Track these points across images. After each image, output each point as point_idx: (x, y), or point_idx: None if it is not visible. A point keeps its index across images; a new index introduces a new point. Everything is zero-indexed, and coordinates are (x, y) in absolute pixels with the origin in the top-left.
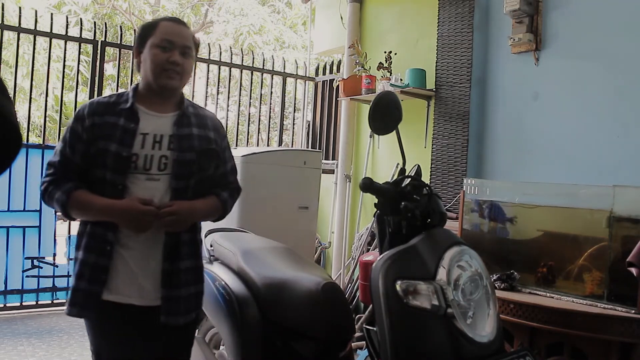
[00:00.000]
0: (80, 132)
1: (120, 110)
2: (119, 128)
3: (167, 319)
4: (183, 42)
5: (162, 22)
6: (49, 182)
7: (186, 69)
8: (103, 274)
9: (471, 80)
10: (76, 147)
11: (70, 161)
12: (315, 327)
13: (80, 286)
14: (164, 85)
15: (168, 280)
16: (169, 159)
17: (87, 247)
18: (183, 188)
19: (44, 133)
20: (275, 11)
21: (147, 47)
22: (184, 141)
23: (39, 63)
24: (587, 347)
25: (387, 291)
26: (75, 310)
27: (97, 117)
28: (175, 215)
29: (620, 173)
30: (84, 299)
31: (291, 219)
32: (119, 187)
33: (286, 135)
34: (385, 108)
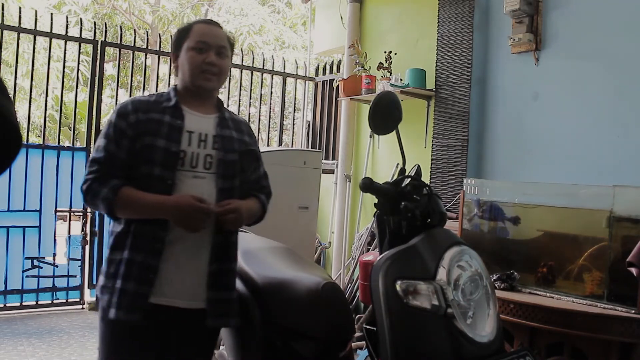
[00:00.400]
0: (125, 128)
1: (164, 108)
2: (165, 125)
3: (214, 321)
4: (218, 43)
5: (196, 24)
6: (93, 180)
7: (223, 69)
8: (151, 272)
9: (471, 80)
10: (121, 142)
11: (116, 157)
12: (315, 327)
13: (128, 287)
14: (201, 86)
15: (215, 281)
16: (213, 158)
17: (134, 246)
18: (229, 188)
19: (44, 133)
20: (275, 11)
21: (183, 51)
22: (227, 142)
23: (39, 63)
24: (587, 347)
25: (387, 291)
26: (123, 314)
27: (141, 113)
28: (237, 213)
29: (620, 173)
30: (132, 301)
31: (291, 219)
32: (168, 182)
33: (286, 135)
34: (385, 108)
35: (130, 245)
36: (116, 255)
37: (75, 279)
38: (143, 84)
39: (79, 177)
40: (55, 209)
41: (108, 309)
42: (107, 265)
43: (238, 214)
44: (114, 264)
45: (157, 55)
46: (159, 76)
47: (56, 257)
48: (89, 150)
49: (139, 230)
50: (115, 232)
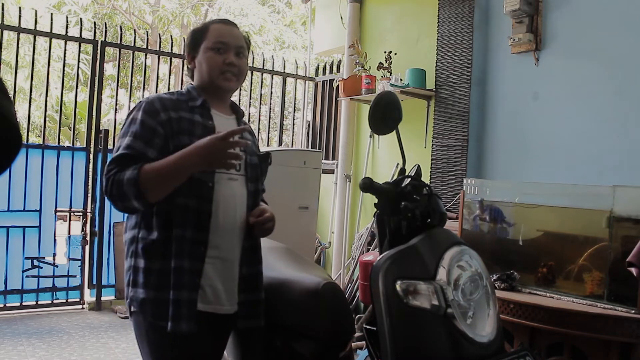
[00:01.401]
0: (155, 125)
1: (192, 107)
2: (198, 125)
3: (246, 323)
4: (236, 43)
5: (213, 24)
6: (115, 172)
7: (242, 69)
8: (197, 277)
9: (471, 80)
10: (152, 140)
11: (143, 155)
12: (315, 327)
13: (180, 297)
14: (221, 87)
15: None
16: (242, 160)
17: (179, 253)
18: (256, 191)
19: (43, 133)
20: (275, 11)
21: (201, 52)
22: (249, 145)
23: (40, 64)
24: (587, 347)
25: (387, 291)
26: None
27: (172, 112)
28: (272, 221)
29: (620, 173)
30: (188, 310)
31: (291, 219)
32: (209, 184)
33: (286, 135)
34: (385, 108)
35: (175, 252)
36: (155, 264)
37: (75, 279)
38: (143, 84)
39: (79, 177)
40: (55, 209)
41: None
42: (145, 275)
43: (273, 222)
44: (154, 274)
45: (157, 55)
46: (159, 76)
47: (56, 257)
48: (89, 150)
49: (181, 235)
50: (148, 239)
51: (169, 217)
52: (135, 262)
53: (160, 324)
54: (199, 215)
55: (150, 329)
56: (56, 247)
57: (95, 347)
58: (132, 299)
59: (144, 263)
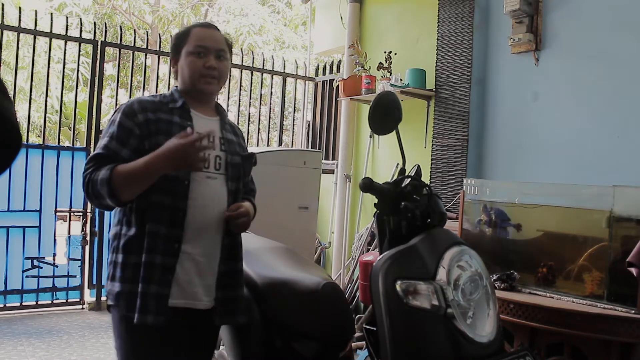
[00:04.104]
0: (132, 126)
1: (171, 108)
2: (176, 125)
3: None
4: (217, 46)
5: (194, 28)
6: (91, 172)
7: (223, 72)
8: (170, 274)
9: (471, 80)
10: (127, 141)
11: (117, 155)
12: (315, 327)
13: (149, 290)
14: (202, 90)
15: (226, 281)
16: (222, 159)
17: (151, 249)
18: (237, 190)
19: (43, 133)
20: (275, 11)
21: (182, 55)
22: (231, 145)
23: (40, 65)
24: (587, 347)
25: (387, 291)
26: (151, 317)
27: (150, 113)
28: (247, 216)
29: (620, 173)
30: (156, 303)
31: (291, 219)
32: (184, 182)
33: (286, 135)
34: (385, 108)
35: (146, 247)
36: (131, 259)
37: (75, 279)
38: (143, 84)
39: (79, 177)
40: (55, 209)
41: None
42: (122, 269)
43: (248, 217)
44: (129, 268)
45: (157, 55)
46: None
47: (56, 257)
48: (89, 150)
49: (154, 231)
50: (128, 235)
51: (145, 213)
52: (115, 257)
53: (132, 316)
54: (174, 213)
55: (123, 321)
56: (56, 247)
57: (95, 347)
58: (109, 292)
59: (122, 258)
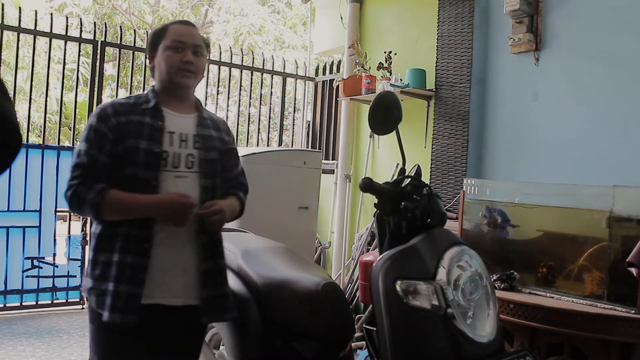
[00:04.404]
0: (106, 131)
1: (144, 109)
2: (147, 126)
3: (209, 318)
4: (194, 42)
5: (172, 25)
6: (78, 185)
7: (199, 67)
8: (141, 273)
9: (471, 80)
10: (103, 146)
11: (97, 161)
12: (315, 327)
13: (120, 289)
14: (179, 84)
15: (209, 280)
16: (195, 157)
17: (123, 249)
18: (211, 187)
19: (43, 133)
20: (275, 11)
21: (159, 51)
22: (208, 141)
23: (39, 65)
24: (587, 347)
25: (387, 291)
26: (119, 316)
27: (122, 116)
28: (220, 214)
29: (620, 173)
30: (126, 302)
31: (291, 219)
32: (152, 183)
33: (286, 135)
34: (385, 108)
35: (119, 247)
36: (101, 257)
37: (75, 279)
38: (143, 84)
39: None
40: (55, 209)
41: (99, 311)
42: (93, 267)
43: (222, 214)
44: (99, 265)
45: None
46: None
47: (56, 257)
48: None
49: (126, 232)
50: (97, 233)
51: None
52: (90, 254)
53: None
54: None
55: (94, 316)
56: (56, 247)
57: None
58: (83, 287)
59: (94, 255)
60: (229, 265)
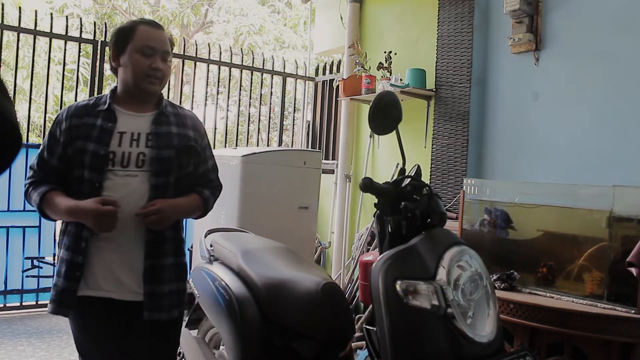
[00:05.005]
0: (58, 135)
1: (98, 111)
2: (97, 128)
3: (150, 314)
4: (163, 48)
5: (141, 25)
6: (29, 184)
7: (166, 73)
8: (78, 270)
9: (471, 80)
10: (54, 149)
11: (47, 164)
12: (315, 327)
13: (58, 283)
14: (145, 90)
15: (150, 276)
16: (146, 156)
17: (66, 245)
18: (163, 185)
19: (43, 133)
20: (275, 11)
21: (127, 52)
22: (163, 139)
23: (39, 66)
24: (587, 347)
25: (387, 291)
26: (54, 307)
27: (75, 119)
28: (158, 214)
29: (620, 173)
30: (60, 295)
31: (291, 219)
32: (96, 184)
33: (286, 135)
34: (385, 108)
35: (64, 243)
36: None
37: None
38: None
39: None
40: None
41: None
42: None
43: (161, 214)
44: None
45: None
46: None
47: (56, 257)
48: None
49: (70, 230)
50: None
51: None
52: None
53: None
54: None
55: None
56: (56, 247)
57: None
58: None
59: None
60: (229, 265)
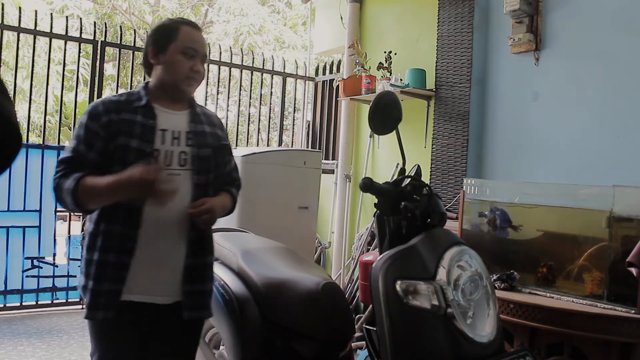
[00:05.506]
0: (97, 129)
1: (135, 107)
2: (138, 124)
3: (191, 313)
4: (204, 51)
5: (184, 26)
6: (59, 177)
7: (203, 76)
8: (124, 271)
9: (471, 80)
10: (93, 143)
11: (84, 157)
12: (315, 327)
13: (103, 287)
14: (184, 91)
15: (192, 275)
16: (188, 154)
17: (105, 247)
18: (204, 184)
19: (43, 133)
20: (275, 11)
21: (169, 52)
22: (200, 137)
23: (39, 66)
24: (587, 347)
25: (387, 291)
26: (100, 313)
27: (113, 114)
28: (211, 212)
29: (620, 173)
30: (106, 300)
31: (291, 219)
32: None
33: (286, 135)
34: (385, 108)
35: (101, 245)
36: (90, 255)
37: (75, 279)
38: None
39: None
40: (55, 209)
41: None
42: (85, 265)
43: (212, 213)
44: (88, 264)
45: None
46: None
47: (56, 257)
48: None
49: (109, 230)
50: (88, 232)
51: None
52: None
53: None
54: (130, 212)
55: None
56: (56, 247)
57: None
58: (79, 285)
59: (85, 254)
60: (229, 265)
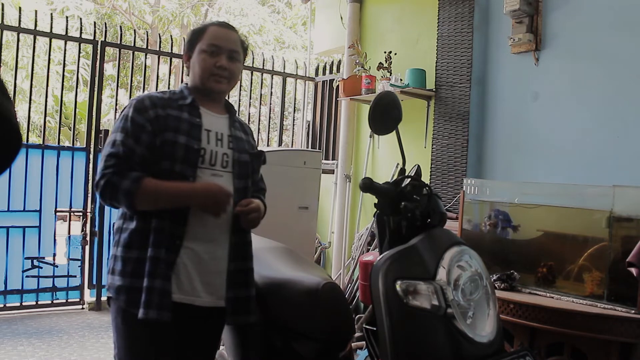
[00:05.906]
0: (143, 122)
1: (180, 105)
2: (185, 121)
3: (235, 319)
4: (230, 47)
5: (211, 26)
6: (112, 173)
7: (233, 73)
8: (171, 269)
9: (471, 80)
10: (141, 137)
11: (134, 152)
12: (315, 327)
13: (156, 285)
14: (212, 89)
15: (235, 280)
16: (229, 157)
17: (157, 243)
18: (244, 188)
19: (43, 133)
20: (275, 11)
21: (195, 52)
22: (239, 143)
23: (39, 66)
24: (587, 347)
25: (387, 291)
26: (154, 313)
27: (160, 109)
28: (258, 212)
29: (620, 173)
30: (160, 299)
31: (291, 219)
32: (189, 179)
33: (286, 135)
34: (385, 108)
35: (152, 242)
36: (132, 253)
37: (75, 279)
38: (143, 84)
39: (79, 177)
40: (55, 209)
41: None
42: (123, 263)
43: (259, 213)
44: (130, 262)
45: (157, 55)
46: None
47: (56, 257)
48: (89, 150)
49: (159, 227)
50: (129, 228)
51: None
52: (116, 250)
53: (132, 311)
54: (177, 209)
55: (123, 315)
56: (56, 247)
57: (95, 347)
58: (110, 285)
59: (123, 251)
60: None
